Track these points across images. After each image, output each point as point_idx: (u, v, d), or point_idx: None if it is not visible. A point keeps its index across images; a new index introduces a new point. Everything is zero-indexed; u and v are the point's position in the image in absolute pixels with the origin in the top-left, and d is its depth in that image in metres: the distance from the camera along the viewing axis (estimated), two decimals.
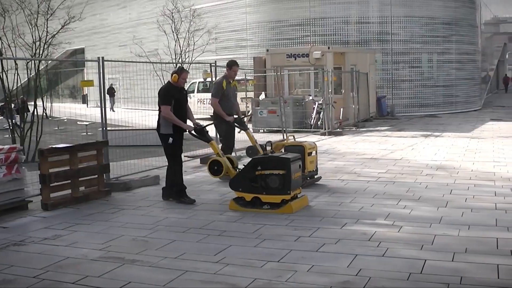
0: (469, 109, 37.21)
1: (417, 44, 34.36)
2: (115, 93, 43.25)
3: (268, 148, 10.44)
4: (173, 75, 10.64)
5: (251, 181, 9.76)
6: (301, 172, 10.21)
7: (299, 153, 10.96)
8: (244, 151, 13.29)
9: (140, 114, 32.84)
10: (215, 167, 10.69)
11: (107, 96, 41.40)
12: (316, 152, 12.11)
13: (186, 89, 11.27)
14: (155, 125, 10.90)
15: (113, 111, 39.08)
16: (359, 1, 33.81)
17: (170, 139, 10.50)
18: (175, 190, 10.71)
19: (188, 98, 11.45)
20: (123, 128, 22.75)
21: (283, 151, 11.35)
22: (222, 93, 12.27)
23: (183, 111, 10.72)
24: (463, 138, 20.93)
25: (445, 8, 35.70)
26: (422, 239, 7.90)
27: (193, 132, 10.67)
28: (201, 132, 10.69)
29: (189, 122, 10.86)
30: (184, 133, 10.82)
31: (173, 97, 10.51)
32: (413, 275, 6.49)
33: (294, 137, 11.89)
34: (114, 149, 14.85)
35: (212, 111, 12.79)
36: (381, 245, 7.62)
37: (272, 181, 9.58)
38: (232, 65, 12.47)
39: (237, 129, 12.96)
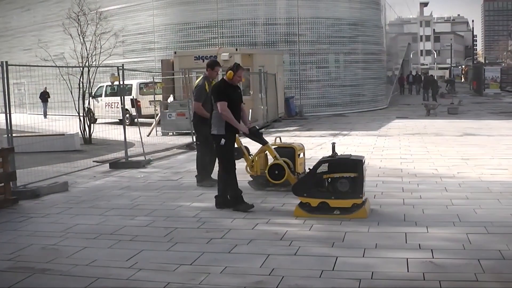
0: (375, 107, 37.93)
1: (324, 44, 34.78)
2: (49, 98, 38.73)
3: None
4: (228, 71, 9.95)
5: (317, 185, 9.27)
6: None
7: (289, 155, 10.88)
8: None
9: (48, 119, 32.18)
10: (275, 172, 10.43)
11: (39, 101, 39.60)
12: (304, 153, 11.91)
13: (240, 88, 10.46)
14: (62, 130, 10.52)
15: (45, 117, 37.35)
16: (266, 3, 34.01)
17: (223, 141, 9.79)
18: (230, 196, 10.01)
19: (96, 102, 11.04)
20: (30, 134, 22.26)
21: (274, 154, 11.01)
22: (205, 96, 11.80)
23: (237, 110, 10.00)
24: (370, 136, 21.33)
25: (350, 9, 36.28)
26: (333, 236, 8.01)
27: (248, 133, 10.15)
28: (256, 134, 10.29)
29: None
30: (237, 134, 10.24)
31: (228, 95, 9.86)
32: (325, 272, 6.58)
33: (280, 138, 11.73)
34: (21, 156, 14.51)
35: (193, 114, 12.29)
36: (292, 244, 7.69)
37: (342, 185, 9.10)
38: (214, 65, 12.03)
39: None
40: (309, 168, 9.62)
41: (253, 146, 11.65)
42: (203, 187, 12.03)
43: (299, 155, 11.31)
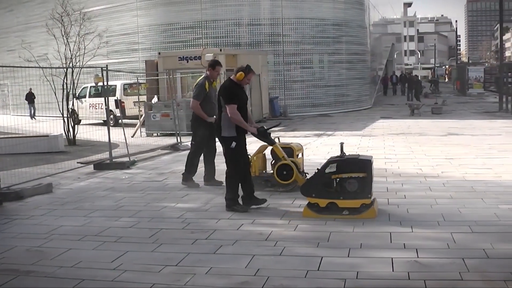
0: (360, 107, 38.00)
1: (308, 45, 34.80)
2: (35, 99, 37.70)
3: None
4: (239, 72, 9.84)
5: (325, 185, 9.19)
6: None
7: (287, 155, 10.80)
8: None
9: (31, 121, 32.03)
10: (284, 172, 10.39)
11: (23, 103, 39.12)
12: (302, 153, 11.90)
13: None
14: (46, 131, 10.43)
15: (34, 119, 36.87)
16: (250, 3, 34.00)
17: (233, 143, 9.70)
18: (227, 198, 9.92)
19: (80, 103, 10.89)
20: (13, 135, 22.16)
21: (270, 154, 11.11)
22: (204, 95, 11.75)
23: (245, 111, 9.91)
24: (355, 136, 21.35)
25: (334, 10, 36.32)
26: (318, 236, 8.03)
27: (256, 134, 10.06)
28: (264, 135, 10.21)
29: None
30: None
31: (237, 96, 9.79)
32: (311, 272, 6.59)
33: (279, 139, 11.68)
34: (4, 157, 14.47)
35: (192, 113, 12.11)
36: (278, 244, 7.69)
37: (351, 185, 9.03)
38: (216, 65, 11.89)
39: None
40: (317, 169, 9.58)
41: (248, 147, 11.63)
42: (189, 187, 12.02)
43: (297, 155, 11.31)
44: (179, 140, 19.41)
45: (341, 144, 9.77)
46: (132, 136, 22.63)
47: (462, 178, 12.27)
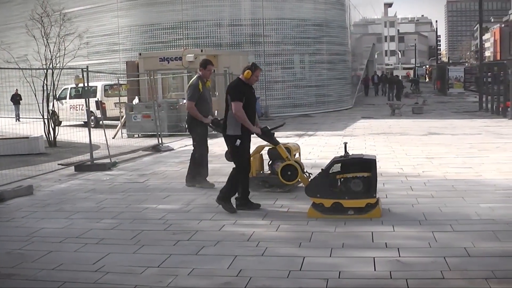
0: (341, 108, 38.08)
1: (289, 45, 34.82)
2: (21, 100, 36.67)
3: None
4: (246, 71, 9.75)
5: (330, 185, 9.17)
6: None
7: None
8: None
9: (11, 122, 31.83)
10: (288, 173, 10.32)
11: (11, 104, 38.75)
12: (299, 153, 11.90)
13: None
14: (26, 133, 10.35)
15: (19, 120, 36.37)
16: (231, 4, 33.96)
17: (238, 141, 9.65)
18: (223, 191, 9.84)
19: (60, 105, 10.77)
20: None
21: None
22: (198, 95, 11.68)
23: (252, 111, 9.87)
24: (336, 136, 21.39)
25: (315, 10, 36.37)
26: (300, 236, 8.04)
27: (260, 134, 10.01)
28: (268, 135, 10.16)
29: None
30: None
31: (244, 94, 9.68)
32: (293, 272, 6.59)
33: None
34: None
35: (187, 114, 12.05)
36: (260, 244, 7.69)
37: (356, 185, 9.04)
38: (207, 64, 11.90)
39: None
40: (321, 169, 9.56)
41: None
42: (203, 188, 11.87)
43: (295, 155, 11.31)
44: (160, 141, 19.36)
45: (345, 144, 9.84)
46: (113, 138, 22.55)
47: (443, 177, 12.33)
